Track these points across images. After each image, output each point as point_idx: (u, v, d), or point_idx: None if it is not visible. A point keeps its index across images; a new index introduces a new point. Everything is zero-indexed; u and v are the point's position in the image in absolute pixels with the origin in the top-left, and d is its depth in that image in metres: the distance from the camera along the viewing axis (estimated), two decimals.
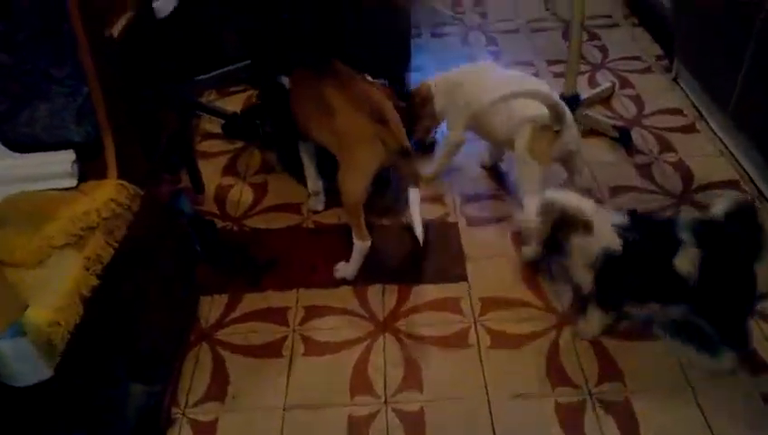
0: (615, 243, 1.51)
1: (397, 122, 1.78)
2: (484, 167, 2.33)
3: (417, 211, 1.83)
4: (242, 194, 2.31)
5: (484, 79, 2.06)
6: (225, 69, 2.89)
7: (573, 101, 2.39)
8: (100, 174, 1.47)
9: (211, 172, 2.41)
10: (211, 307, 1.87)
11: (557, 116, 1.80)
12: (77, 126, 1.42)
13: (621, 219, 1.56)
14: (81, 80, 1.39)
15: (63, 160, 1.43)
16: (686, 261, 1.46)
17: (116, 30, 1.58)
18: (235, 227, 2.16)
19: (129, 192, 1.44)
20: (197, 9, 2.55)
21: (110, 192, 1.40)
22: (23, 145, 1.45)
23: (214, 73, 2.88)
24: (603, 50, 3.01)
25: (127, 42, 1.63)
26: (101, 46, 1.42)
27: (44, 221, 1.31)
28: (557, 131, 1.82)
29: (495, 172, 2.31)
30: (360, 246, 1.85)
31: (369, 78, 2.10)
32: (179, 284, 1.83)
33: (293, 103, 2.01)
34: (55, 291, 1.19)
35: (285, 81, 2.08)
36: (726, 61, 2.19)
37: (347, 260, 1.90)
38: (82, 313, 1.22)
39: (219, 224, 2.17)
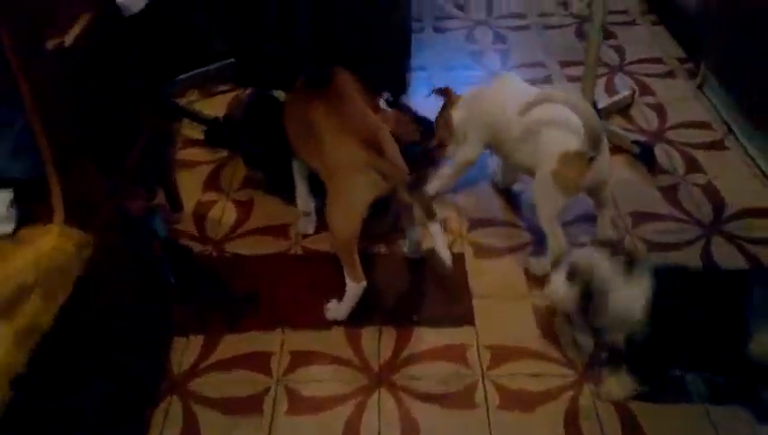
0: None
1: (394, 151, 1.54)
2: (496, 185, 2.09)
3: (443, 245, 1.54)
4: (224, 212, 2.08)
5: (508, 89, 1.81)
6: (208, 67, 2.64)
7: None
8: (48, 215, 1.25)
9: (191, 185, 2.18)
10: (185, 350, 1.66)
11: (594, 140, 1.54)
12: (13, 160, 1.19)
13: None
14: (16, 106, 1.16)
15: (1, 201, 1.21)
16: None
17: (69, 37, 1.36)
18: (215, 252, 1.93)
19: (77, 239, 1.21)
20: (174, 3, 2.30)
21: (52, 241, 1.17)
22: None
23: (195, 72, 2.63)
24: (620, 50, 2.77)
25: (86, 48, 1.41)
26: (41, 62, 1.19)
27: None
28: (591, 159, 1.57)
29: (508, 194, 2.07)
30: (354, 287, 1.62)
31: (384, 99, 1.87)
32: (147, 328, 1.61)
33: (286, 119, 1.78)
34: None
35: (280, 94, 1.84)
36: (764, 68, 1.97)
37: (339, 295, 1.67)
38: (12, 394, 1.01)
39: (198, 248, 1.94)
